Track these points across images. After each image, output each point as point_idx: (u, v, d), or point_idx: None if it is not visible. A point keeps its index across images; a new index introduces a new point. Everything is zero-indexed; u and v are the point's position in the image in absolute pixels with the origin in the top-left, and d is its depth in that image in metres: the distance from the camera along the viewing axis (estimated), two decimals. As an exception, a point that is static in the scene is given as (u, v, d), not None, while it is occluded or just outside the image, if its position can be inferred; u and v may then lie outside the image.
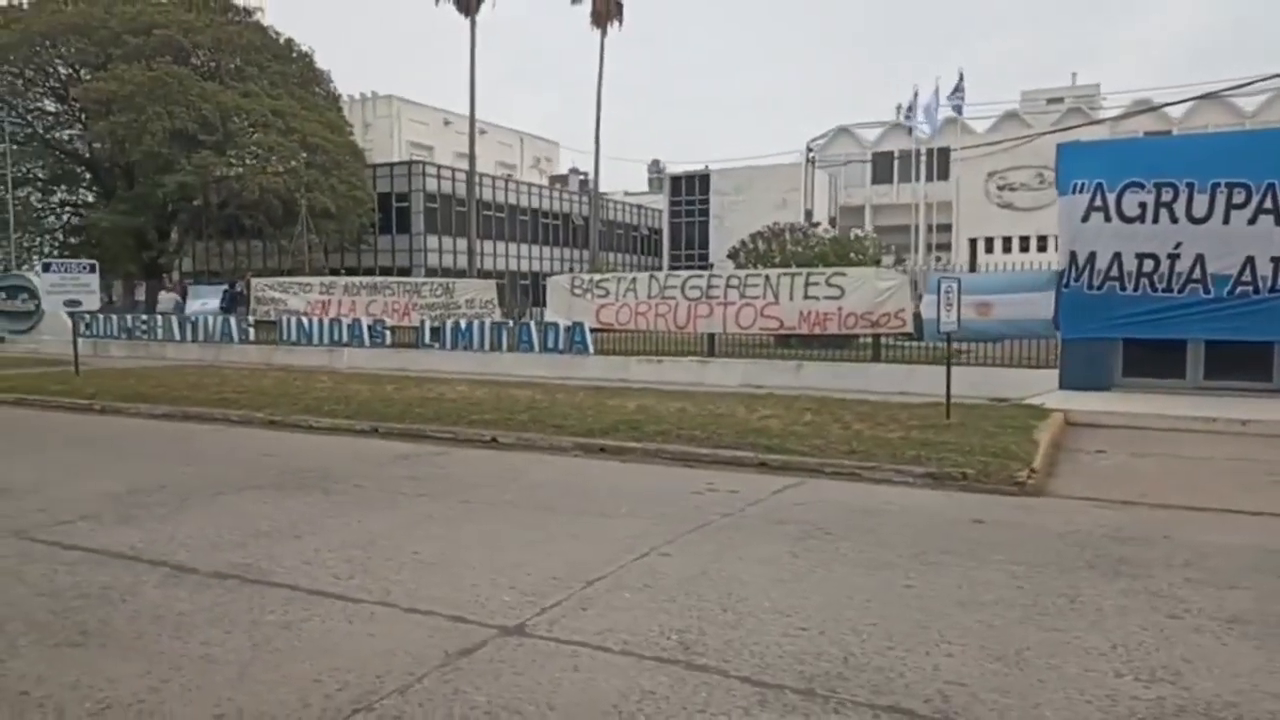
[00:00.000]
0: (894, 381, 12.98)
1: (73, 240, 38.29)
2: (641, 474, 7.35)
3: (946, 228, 47.56)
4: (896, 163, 51.92)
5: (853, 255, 20.26)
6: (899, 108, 50.82)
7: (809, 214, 46.11)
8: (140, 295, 34.92)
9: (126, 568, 4.55)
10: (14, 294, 24.05)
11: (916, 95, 43.00)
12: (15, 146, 36.20)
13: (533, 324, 16.77)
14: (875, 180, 53.64)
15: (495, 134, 58.34)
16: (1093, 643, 3.56)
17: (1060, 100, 50.53)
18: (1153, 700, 3.05)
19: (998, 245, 43.72)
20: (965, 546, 5.02)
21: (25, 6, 35.16)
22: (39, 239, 39.37)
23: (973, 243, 44.53)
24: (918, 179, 48.40)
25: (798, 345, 16.22)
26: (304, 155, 34.02)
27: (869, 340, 15.34)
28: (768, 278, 15.64)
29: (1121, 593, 4.18)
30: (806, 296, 14.99)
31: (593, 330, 16.33)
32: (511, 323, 17.45)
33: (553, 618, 3.82)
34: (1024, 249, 42.01)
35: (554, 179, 61.27)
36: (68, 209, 39.83)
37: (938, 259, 43.81)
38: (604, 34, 43.76)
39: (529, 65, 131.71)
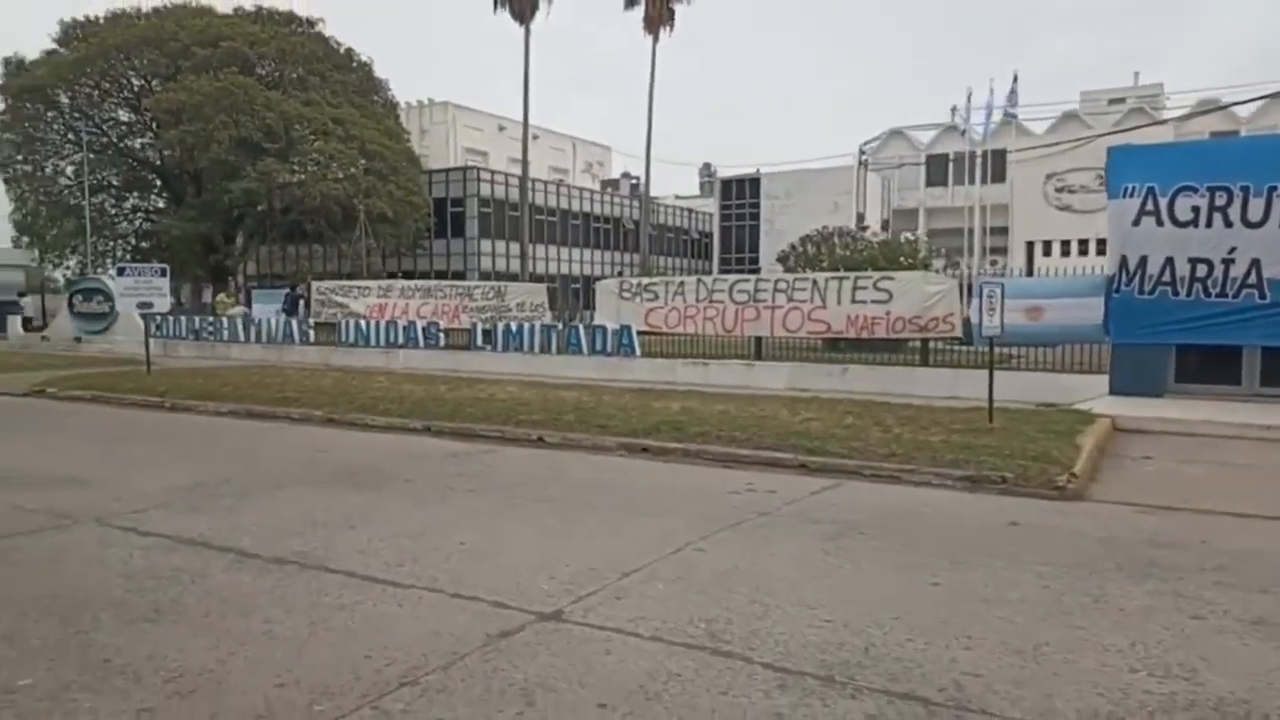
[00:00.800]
0: (941, 386, 12.94)
1: (144, 244, 39.78)
2: (682, 474, 7.53)
3: (1003, 230, 46.77)
4: (951, 165, 51.20)
5: (902, 259, 20.19)
6: (954, 109, 50.16)
7: (861, 217, 45.81)
8: (207, 298, 36.24)
9: (196, 553, 4.87)
10: (90, 296, 25.14)
11: (970, 97, 42.45)
12: (92, 155, 37.77)
13: (581, 327, 17.05)
14: (929, 183, 52.96)
15: (548, 139, 59.00)
16: (1112, 640, 3.64)
17: (1122, 100, 49.34)
18: (1164, 695, 3.13)
19: (1056, 248, 42.84)
20: (996, 547, 5.10)
21: (101, 21, 36.71)
22: (113, 243, 40.95)
23: (1030, 246, 43.71)
24: (973, 181, 47.71)
25: (847, 349, 16.22)
26: (363, 162, 34.90)
27: (918, 344, 15.29)
28: (815, 281, 15.69)
29: (1148, 594, 4.24)
30: (854, 300, 15.01)
31: (641, 333, 16.55)
32: (561, 325, 17.75)
33: (588, 605, 4.03)
34: (1083, 252, 41.09)
35: (605, 183, 61.74)
36: (139, 214, 41.39)
37: (993, 262, 43.12)
38: (656, 39, 44.03)
39: (582, 71, 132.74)
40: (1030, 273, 31.27)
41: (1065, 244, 42.82)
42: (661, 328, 16.95)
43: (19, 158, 36.77)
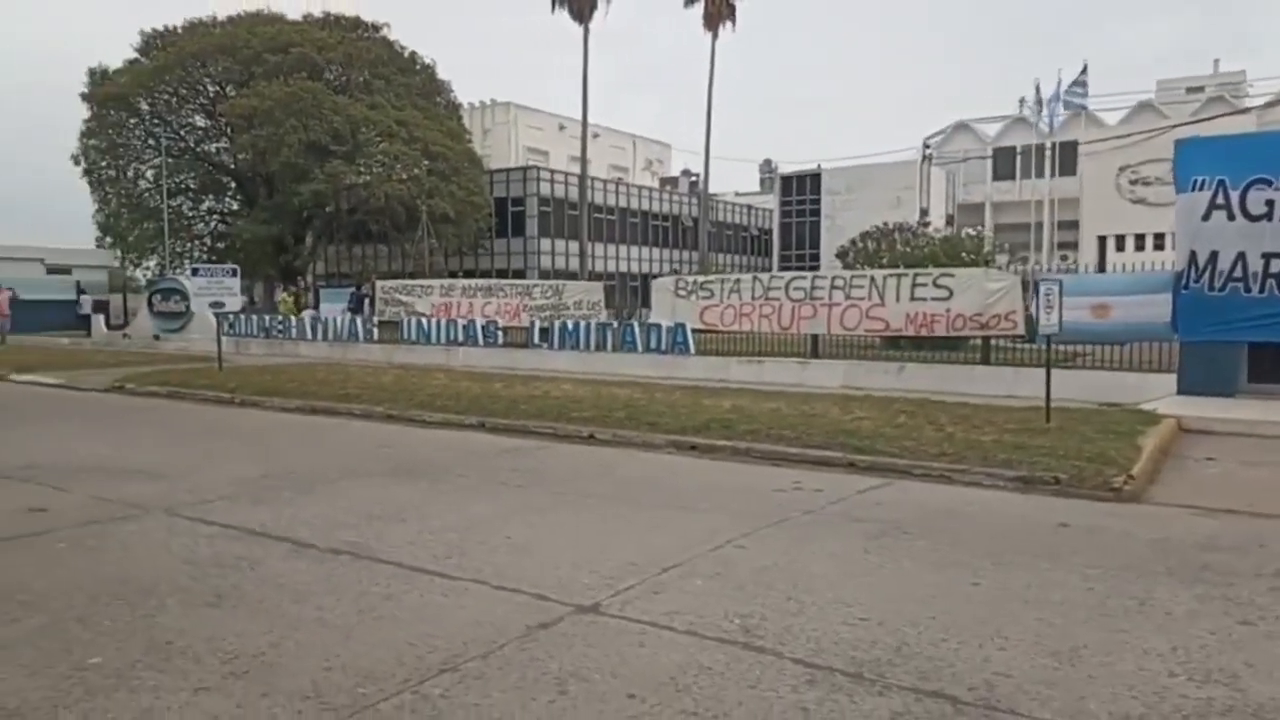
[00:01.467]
0: (1000, 384, 12.71)
1: (220, 246, 41.15)
2: (730, 471, 7.58)
3: (1072, 225, 45.47)
4: (1019, 158, 50.05)
5: (964, 255, 19.82)
6: (1021, 101, 48.95)
7: (924, 212, 45.05)
8: (280, 297, 37.35)
9: (256, 542, 5.11)
10: (168, 296, 26.17)
11: (1039, 88, 41.32)
12: (170, 159, 39.26)
13: (636, 324, 17.18)
14: (996, 176, 51.84)
15: (608, 137, 59.34)
16: (1153, 644, 3.59)
17: (1200, 89, 47.55)
18: (1202, 700, 3.09)
19: (1129, 243, 41.54)
20: (1043, 549, 5.04)
21: (179, 30, 38.12)
22: (189, 245, 42.47)
23: (1101, 240, 42.44)
24: (1041, 175, 46.52)
25: (907, 347, 16.04)
26: (426, 163, 35.59)
27: (979, 342, 15.04)
28: (873, 278, 15.53)
29: (1196, 598, 4.16)
30: (913, 298, 14.82)
31: (696, 331, 16.60)
32: (616, 324, 17.90)
33: (626, 599, 4.12)
34: (1158, 246, 39.74)
35: (664, 181, 61.80)
36: (214, 217, 42.85)
37: (1063, 257, 41.99)
38: (715, 36, 43.93)
39: (643, 69, 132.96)
40: (1101, 268, 30.39)
41: (1139, 238, 41.50)
42: (717, 325, 16.97)
43: (103, 163, 38.40)
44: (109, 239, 39.02)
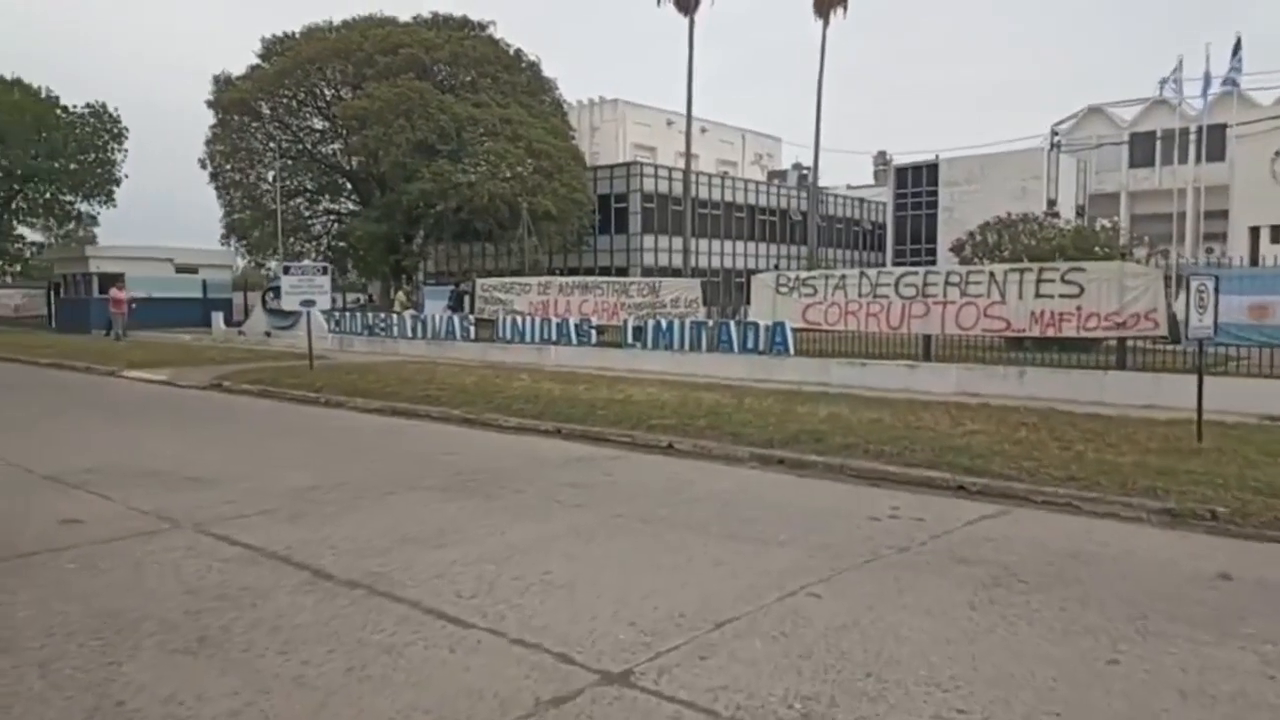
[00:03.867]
0: (1136, 392, 11.31)
1: (339, 245, 42.37)
2: (817, 492, 6.73)
3: (1221, 214, 41.69)
4: (1159, 143, 46.32)
5: (1097, 248, 18.11)
6: (1162, 82, 45.25)
7: (1052, 203, 42.21)
8: (395, 295, 38.11)
9: (273, 570, 4.62)
10: (279, 294, 26.88)
11: (1180, 66, 37.98)
12: (289, 161, 40.67)
13: (732, 323, 16.33)
14: (1133, 164, 48.15)
15: (716, 132, 58.31)
16: (1372, 776, 2.61)
17: (1374, 61, 42.80)
18: None
19: (1287, 233, 37.76)
20: (1202, 612, 4.03)
21: (298, 36, 39.37)
22: (308, 244, 43.95)
23: (1254, 231, 38.70)
24: (1185, 161, 42.89)
25: (1030, 349, 14.69)
26: (530, 161, 35.58)
27: (1114, 344, 13.58)
28: (993, 274, 14.25)
29: None
30: (1039, 295, 13.51)
31: (799, 330, 15.65)
32: (711, 322, 17.10)
33: (664, 665, 3.39)
34: (1322, 237, 36.02)
35: (772, 174, 60.33)
36: (331, 217, 44.20)
37: (1208, 250, 38.55)
38: (826, 23, 42.38)
39: (753, 60, 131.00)
40: (1254, 261, 27.59)
41: (1299, 228, 37.67)
42: (821, 324, 15.98)
43: (227, 166, 40.05)
44: (233, 239, 40.70)
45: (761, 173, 60.02)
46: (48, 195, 38.63)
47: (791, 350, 15.14)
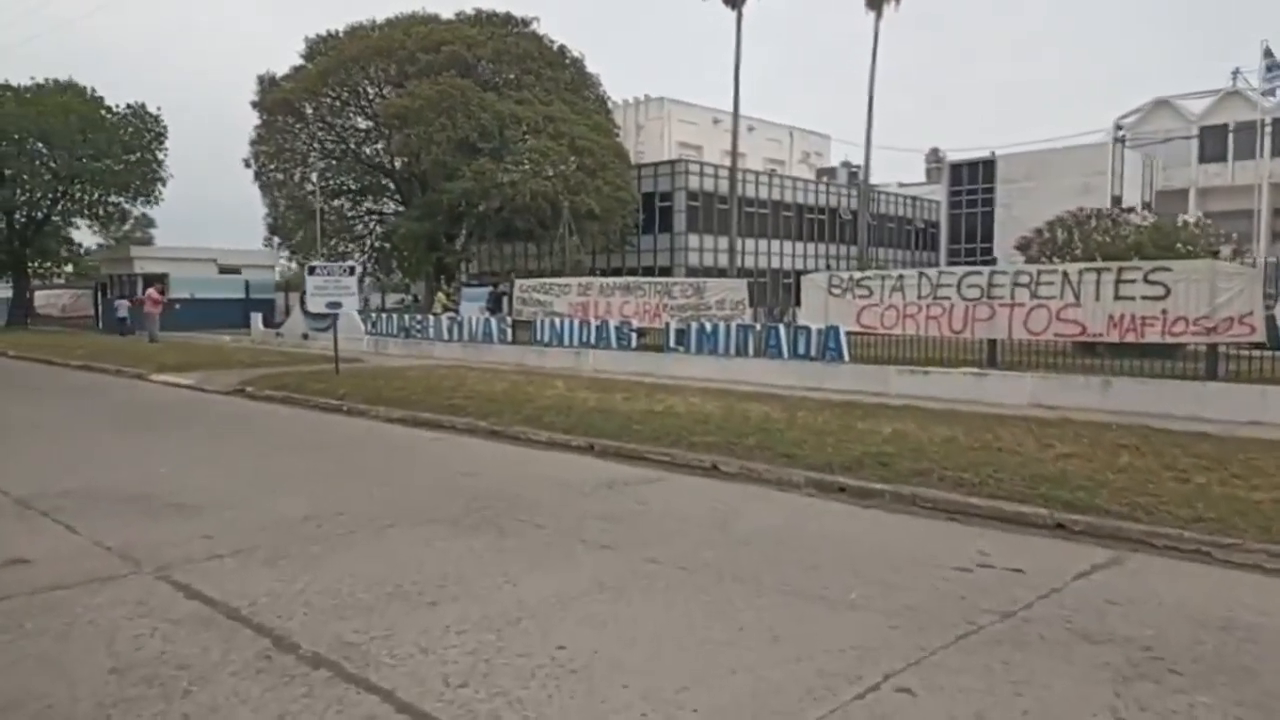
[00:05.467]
0: (1240, 407, 10.09)
1: (384, 246, 42.06)
2: (887, 529, 5.73)
3: (1299, 211, 39.50)
4: (1232, 136, 44.08)
5: (1180, 246, 16.71)
6: (1235, 72, 43.03)
7: (1116, 200, 40.33)
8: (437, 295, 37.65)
9: (227, 636, 3.77)
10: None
11: (1269, 51, 35.75)
12: (333, 161, 40.45)
13: (781, 327, 15.30)
14: (1204, 158, 45.93)
15: (764, 130, 57.09)
16: None
17: None
18: None
19: (1373, 231, 35.53)
20: None
21: (341, 35, 39.11)
22: (351, 245, 43.74)
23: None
24: (1262, 154, 40.65)
25: (1106, 354, 13.48)
26: (572, 159, 34.83)
27: (1200, 350, 12.35)
28: (1066, 274, 13.06)
29: None
30: (1118, 297, 12.33)
31: (853, 334, 14.60)
32: (758, 326, 16.09)
33: (706, 815, 2.46)
34: None
35: (821, 172, 58.89)
36: (374, 217, 43.93)
37: (1288, 248, 36.42)
38: (879, 17, 41.03)
39: (802, 57, 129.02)
40: (1343, 260, 25.68)
41: (1387, 225, 35.43)
42: (876, 328, 14.90)
43: (271, 166, 39.95)
44: (276, 239, 40.61)
45: (810, 171, 58.64)
46: (95, 196, 38.88)
47: (846, 357, 14.08)
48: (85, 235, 45.84)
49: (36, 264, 41.04)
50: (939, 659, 3.55)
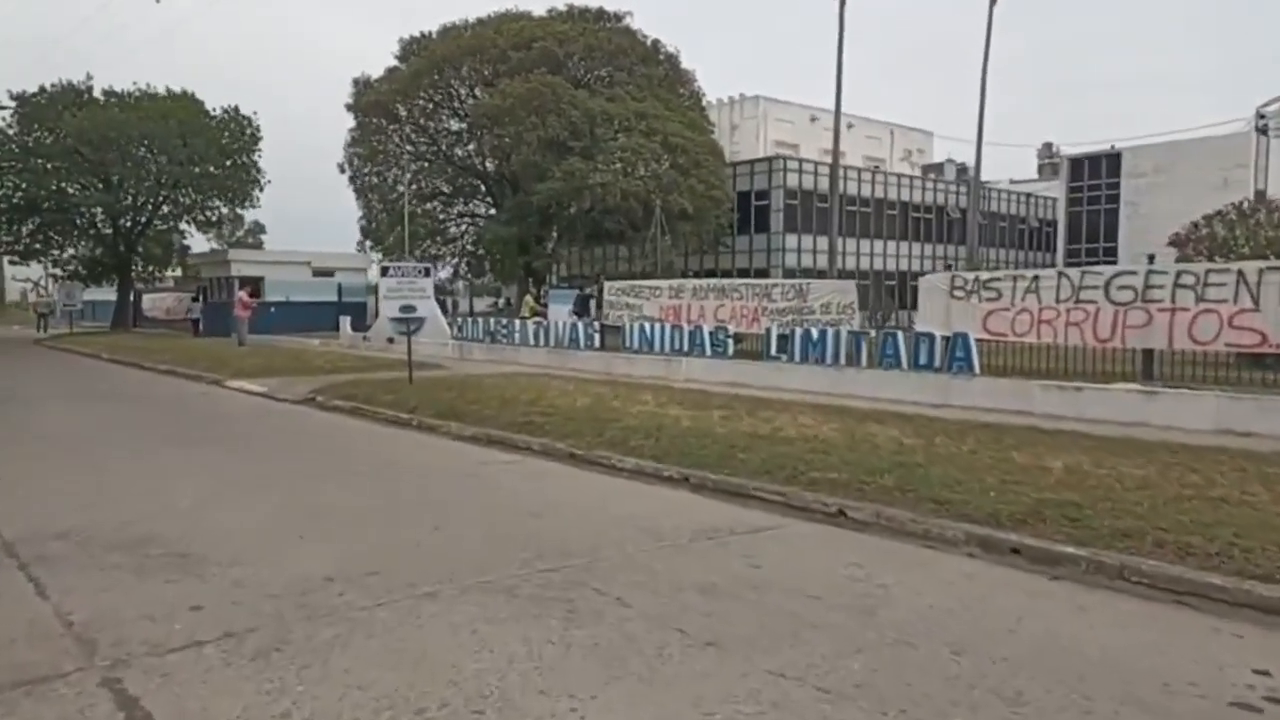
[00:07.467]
0: None
1: (477, 250, 41.60)
2: (1091, 617, 4.15)
3: None
4: (1397, 121, 39.61)
5: (1373, 241, 14.32)
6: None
7: (1261, 194, 36.65)
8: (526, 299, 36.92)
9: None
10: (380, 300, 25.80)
11: None
12: (425, 164, 40.17)
13: (900, 334, 13.57)
14: (1362, 146, 41.49)
15: (863, 127, 54.68)
16: None
17: None
18: None
19: None
20: None
21: (434, 35, 38.79)
22: (443, 248, 43.43)
23: None
24: None
25: (1273, 366, 11.52)
26: (665, 157, 33.53)
27: None
28: (1242, 274, 11.05)
29: None
30: (1310, 301, 10.30)
31: (979, 341, 12.81)
32: (873, 332, 14.40)
33: None
34: None
35: (926, 168, 56.04)
36: (465, 219, 43.56)
37: None
38: (993, 4, 38.38)
39: (903, 54, 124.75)
40: None
41: None
42: (1006, 335, 13.08)
43: (365, 169, 39.95)
44: (368, 243, 40.60)
45: (911, 169, 55.93)
46: (195, 200, 39.60)
47: (977, 368, 12.30)
48: (199, 242, 47.04)
49: (140, 268, 42.09)
50: None
